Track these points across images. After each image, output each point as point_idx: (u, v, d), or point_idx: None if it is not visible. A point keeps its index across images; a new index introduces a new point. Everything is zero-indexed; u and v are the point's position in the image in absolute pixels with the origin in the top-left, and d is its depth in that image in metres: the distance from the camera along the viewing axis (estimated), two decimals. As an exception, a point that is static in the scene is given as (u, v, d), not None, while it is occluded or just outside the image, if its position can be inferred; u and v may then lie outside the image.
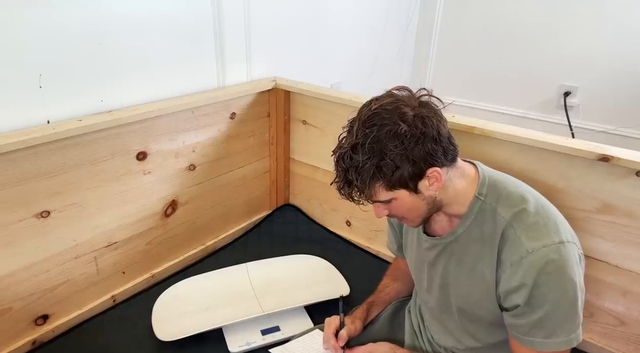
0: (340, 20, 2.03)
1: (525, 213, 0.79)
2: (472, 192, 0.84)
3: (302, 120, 1.67)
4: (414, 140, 0.75)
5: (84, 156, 1.17)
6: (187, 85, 1.43)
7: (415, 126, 0.75)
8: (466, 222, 0.85)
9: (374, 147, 0.75)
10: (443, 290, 0.93)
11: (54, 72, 1.11)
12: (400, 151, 0.75)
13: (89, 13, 1.14)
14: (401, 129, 0.74)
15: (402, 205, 0.81)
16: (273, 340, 1.19)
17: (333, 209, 1.72)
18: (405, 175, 0.77)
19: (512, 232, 0.78)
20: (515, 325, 0.82)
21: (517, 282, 0.77)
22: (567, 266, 0.75)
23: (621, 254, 1.08)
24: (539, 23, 2.27)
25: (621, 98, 2.17)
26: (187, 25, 1.38)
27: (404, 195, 0.79)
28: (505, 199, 0.82)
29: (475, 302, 0.87)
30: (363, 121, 0.77)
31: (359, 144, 0.75)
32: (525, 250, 0.76)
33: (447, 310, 0.95)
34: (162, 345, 1.17)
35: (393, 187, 0.78)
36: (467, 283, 0.88)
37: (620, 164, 1.00)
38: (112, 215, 1.28)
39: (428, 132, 0.76)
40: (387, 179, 0.77)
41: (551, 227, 0.78)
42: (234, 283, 1.37)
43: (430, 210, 0.84)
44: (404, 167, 0.76)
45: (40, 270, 1.17)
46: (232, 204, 1.67)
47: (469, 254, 0.86)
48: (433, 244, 0.92)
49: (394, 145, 0.74)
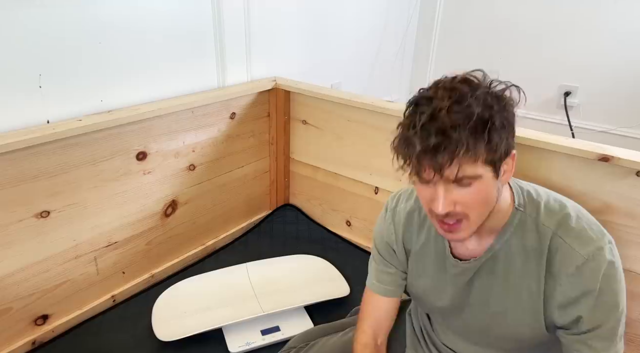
0: (340, 20, 2.03)
1: (570, 220, 0.75)
2: (510, 201, 0.78)
3: (302, 120, 1.67)
4: (511, 110, 0.69)
5: (84, 156, 1.17)
6: (187, 85, 1.43)
7: (510, 97, 0.70)
8: (504, 236, 0.78)
9: (480, 103, 0.65)
10: (475, 311, 0.85)
11: (54, 72, 1.11)
12: (504, 114, 0.68)
13: (89, 13, 1.14)
14: (502, 92, 0.69)
15: (482, 190, 0.69)
16: (273, 340, 1.19)
17: (333, 209, 1.72)
18: (503, 147, 0.67)
19: (560, 241, 0.74)
20: (578, 341, 0.75)
21: (578, 292, 0.72)
22: (620, 265, 0.73)
23: (621, 254, 1.07)
24: (539, 23, 2.27)
25: (621, 98, 2.17)
26: (187, 25, 1.38)
27: (489, 176, 0.68)
28: (545, 208, 0.77)
29: (514, 321, 0.80)
30: (449, 81, 0.69)
31: (465, 97, 0.66)
32: (581, 258, 0.72)
33: (479, 331, 0.87)
34: (162, 345, 1.17)
35: (489, 159, 0.67)
36: (506, 302, 0.80)
37: (620, 163, 1.00)
38: (112, 215, 1.28)
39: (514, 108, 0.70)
40: (492, 145, 0.66)
41: (595, 229, 0.75)
42: (234, 283, 1.37)
43: (484, 219, 0.73)
44: (506, 136, 0.68)
45: (40, 270, 1.17)
46: (232, 204, 1.67)
47: (511, 270, 0.79)
48: (465, 269, 0.82)
49: (498, 105, 0.67)
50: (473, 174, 0.67)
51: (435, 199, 0.70)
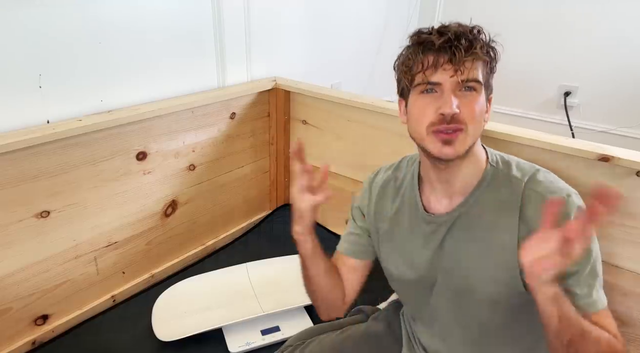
0: (340, 20, 2.03)
1: (539, 174, 0.79)
2: (484, 159, 0.82)
3: (302, 120, 1.67)
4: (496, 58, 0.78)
5: (84, 156, 1.17)
6: (187, 85, 1.44)
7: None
8: (478, 191, 0.81)
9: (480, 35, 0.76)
10: (447, 278, 0.85)
11: (54, 72, 1.11)
12: (494, 54, 0.77)
13: (89, 13, 1.14)
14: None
15: (481, 102, 0.76)
16: (273, 340, 1.19)
17: (333, 209, 1.72)
18: (490, 78, 0.78)
19: (532, 192, 0.77)
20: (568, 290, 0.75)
21: None
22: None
23: (621, 254, 1.08)
24: (538, 23, 2.28)
25: (621, 98, 2.17)
26: (187, 25, 1.38)
27: (483, 93, 0.77)
28: (517, 165, 0.82)
29: (489, 279, 0.80)
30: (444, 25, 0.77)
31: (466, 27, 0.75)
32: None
33: (461, 301, 0.85)
34: (162, 345, 1.17)
35: (484, 74, 0.76)
36: (481, 259, 0.81)
37: (620, 163, 1.00)
38: (112, 215, 1.28)
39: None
40: (490, 61, 0.76)
41: (562, 182, 0.79)
42: (234, 283, 1.37)
43: (477, 139, 0.79)
44: (492, 71, 0.78)
45: (40, 270, 1.17)
46: (232, 204, 1.67)
47: (483, 225, 0.80)
48: (438, 224, 0.84)
49: (490, 45, 0.77)
50: (478, 78, 0.74)
51: (444, 102, 0.73)
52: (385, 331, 1.06)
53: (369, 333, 1.05)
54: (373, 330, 1.06)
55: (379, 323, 1.08)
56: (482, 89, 0.75)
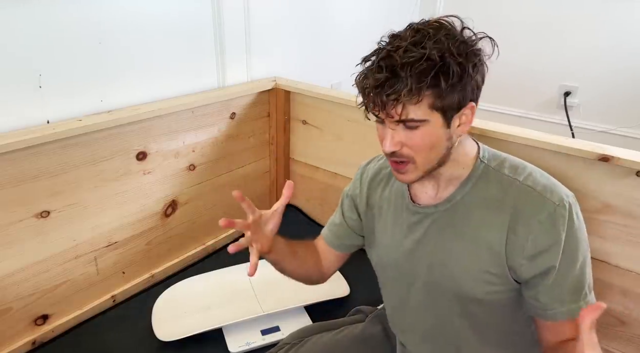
0: (340, 20, 2.03)
1: (535, 173, 0.77)
2: (474, 154, 0.79)
3: (302, 120, 1.67)
4: (475, 59, 0.70)
5: (84, 156, 1.17)
6: (187, 85, 1.43)
7: (477, 47, 0.71)
8: (466, 186, 0.78)
9: (439, 47, 0.66)
10: (431, 269, 0.83)
11: (54, 72, 1.11)
12: (461, 63, 0.67)
13: (89, 13, 1.14)
14: (466, 40, 0.70)
15: (428, 134, 0.70)
16: (273, 340, 1.19)
17: (333, 209, 1.72)
18: (455, 96, 0.68)
19: (529, 190, 0.74)
20: (547, 293, 0.73)
21: (551, 240, 0.71)
22: (581, 215, 0.75)
23: (621, 254, 1.08)
24: (538, 23, 2.28)
25: (621, 98, 2.17)
26: (187, 25, 1.38)
27: (437, 122, 0.70)
28: (509, 162, 0.79)
29: (475, 276, 0.78)
30: (421, 24, 0.71)
31: (425, 39, 0.67)
32: (552, 204, 0.72)
33: (443, 297, 0.84)
34: (162, 345, 1.17)
35: (436, 105, 0.68)
36: (465, 257, 0.78)
37: (620, 164, 1.00)
38: (112, 215, 1.28)
39: (484, 60, 0.72)
40: (439, 90, 0.67)
41: (559, 182, 0.76)
42: (234, 283, 1.37)
43: (441, 159, 0.75)
44: (459, 85, 0.68)
45: (40, 270, 1.17)
46: (232, 204, 1.66)
47: (469, 223, 0.78)
48: (424, 214, 0.82)
49: (457, 52, 0.67)
50: (417, 117, 0.69)
51: (384, 138, 0.73)
52: (380, 333, 1.06)
53: (364, 335, 1.05)
54: (369, 332, 1.06)
55: (374, 326, 1.08)
56: (429, 121, 0.70)
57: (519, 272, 0.75)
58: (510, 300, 0.79)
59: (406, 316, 0.93)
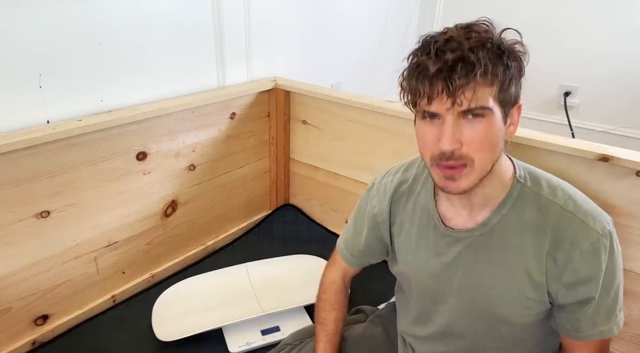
0: (340, 20, 2.03)
1: (577, 196, 0.73)
2: (511, 174, 0.74)
3: (302, 120, 1.67)
4: (520, 57, 0.69)
5: (84, 156, 1.17)
6: (187, 85, 1.43)
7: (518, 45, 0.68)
8: (503, 209, 0.73)
9: (498, 39, 0.65)
10: (464, 291, 0.79)
11: (54, 72, 1.11)
12: (518, 57, 0.67)
13: (89, 13, 1.14)
14: (511, 42, 0.68)
15: (491, 128, 0.65)
16: (273, 340, 1.19)
17: (333, 209, 1.72)
18: (513, 89, 0.66)
19: (570, 216, 0.69)
20: (583, 319, 0.72)
21: (591, 271, 0.69)
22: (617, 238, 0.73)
23: (622, 254, 1.07)
24: (539, 23, 2.28)
25: (621, 98, 2.17)
26: (187, 25, 1.38)
27: (498, 116, 0.65)
28: (548, 183, 0.74)
29: (509, 303, 0.75)
30: (462, 24, 0.68)
31: (481, 31, 0.65)
32: (595, 234, 0.68)
33: (474, 318, 0.81)
34: (162, 345, 1.17)
35: (499, 96, 0.65)
36: (500, 282, 0.75)
37: (620, 164, 1.00)
38: (112, 215, 1.28)
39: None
40: (503, 79, 0.64)
41: (598, 206, 0.73)
42: (234, 283, 1.37)
43: (493, 167, 0.69)
44: (518, 78, 0.67)
45: (40, 270, 1.17)
46: (232, 204, 1.67)
47: (506, 247, 0.73)
48: (456, 238, 0.77)
49: (512, 48, 0.67)
50: (485, 105, 0.64)
51: (441, 135, 0.65)
52: (381, 334, 1.05)
53: (365, 336, 1.05)
54: (370, 333, 1.06)
55: (376, 326, 1.08)
56: (494, 112, 0.65)
57: (554, 296, 0.73)
58: (540, 316, 0.78)
59: (427, 328, 0.90)
